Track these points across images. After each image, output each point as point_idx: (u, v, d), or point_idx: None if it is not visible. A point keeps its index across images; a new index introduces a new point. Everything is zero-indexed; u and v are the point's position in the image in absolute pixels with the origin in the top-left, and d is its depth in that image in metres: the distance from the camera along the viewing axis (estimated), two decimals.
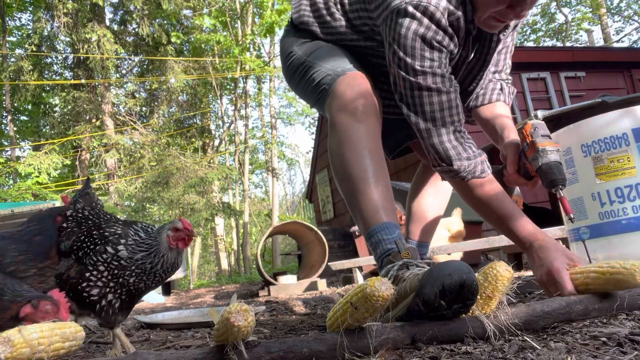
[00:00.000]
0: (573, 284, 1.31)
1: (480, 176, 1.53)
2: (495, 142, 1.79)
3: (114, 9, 16.78)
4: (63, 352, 1.37)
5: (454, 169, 1.51)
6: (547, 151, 1.52)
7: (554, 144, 1.55)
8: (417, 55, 1.44)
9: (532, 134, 1.56)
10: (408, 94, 1.50)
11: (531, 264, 1.46)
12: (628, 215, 1.66)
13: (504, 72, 1.87)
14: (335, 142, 1.54)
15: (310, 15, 1.77)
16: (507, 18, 1.46)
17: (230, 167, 16.67)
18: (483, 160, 1.54)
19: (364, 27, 1.65)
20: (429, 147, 1.53)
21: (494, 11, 1.44)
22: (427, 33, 1.42)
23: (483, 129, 1.87)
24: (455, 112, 1.51)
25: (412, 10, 1.42)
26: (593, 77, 7.17)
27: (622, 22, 23.84)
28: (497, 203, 1.52)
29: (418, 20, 1.42)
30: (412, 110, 1.52)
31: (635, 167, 1.67)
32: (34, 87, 14.63)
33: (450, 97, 1.49)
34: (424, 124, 1.51)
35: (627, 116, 1.71)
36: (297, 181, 36.12)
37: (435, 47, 1.44)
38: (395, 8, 1.44)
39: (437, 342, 1.06)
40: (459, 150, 1.50)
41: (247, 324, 0.89)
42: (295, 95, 9.87)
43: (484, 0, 1.44)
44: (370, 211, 1.44)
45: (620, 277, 1.16)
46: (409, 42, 1.44)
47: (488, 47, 1.65)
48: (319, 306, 2.80)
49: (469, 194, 1.57)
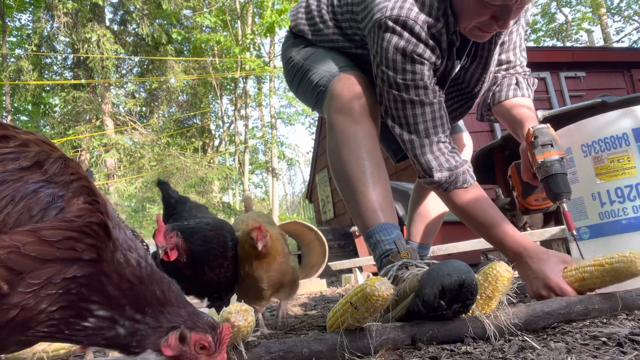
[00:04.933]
0: (567, 281, 1.31)
1: (462, 186, 1.53)
2: (518, 139, 1.75)
3: (114, 9, 16.80)
4: (63, 352, 1.37)
5: (435, 181, 1.52)
6: (547, 163, 1.47)
7: (557, 152, 1.50)
8: (398, 69, 1.45)
9: (533, 145, 1.52)
10: (392, 107, 1.52)
11: (524, 276, 1.43)
12: (628, 215, 1.66)
13: (518, 66, 1.84)
14: (333, 144, 1.55)
15: (305, 24, 1.81)
16: (491, 29, 1.46)
17: (230, 167, 16.68)
18: (465, 170, 1.53)
19: (355, 37, 1.67)
20: (413, 158, 1.55)
21: (478, 22, 1.44)
22: (407, 47, 1.43)
23: (506, 126, 1.84)
24: (440, 123, 1.51)
25: (391, 24, 1.42)
26: (593, 77, 7.16)
27: (622, 22, 23.82)
28: (481, 212, 1.52)
29: (398, 35, 1.42)
30: (396, 122, 1.53)
31: (635, 167, 1.67)
32: (34, 87, 14.63)
33: (434, 108, 1.49)
34: (407, 135, 1.52)
35: (627, 116, 1.71)
36: (297, 181, 36.13)
37: (416, 60, 1.44)
38: (377, 21, 1.45)
39: (437, 342, 1.06)
40: (440, 161, 1.51)
41: (247, 324, 0.89)
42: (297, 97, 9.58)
43: (466, 12, 1.44)
44: (369, 212, 1.45)
45: (620, 265, 1.15)
46: (390, 56, 1.45)
47: (488, 51, 1.65)
48: (319, 306, 2.80)
49: (453, 204, 1.57)
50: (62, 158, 0.79)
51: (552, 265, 1.36)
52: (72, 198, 0.75)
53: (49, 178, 0.75)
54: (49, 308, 0.71)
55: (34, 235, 0.68)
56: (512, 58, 1.82)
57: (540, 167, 1.49)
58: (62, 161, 0.78)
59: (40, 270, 0.69)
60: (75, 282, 0.72)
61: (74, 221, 0.72)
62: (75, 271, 0.72)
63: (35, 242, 0.68)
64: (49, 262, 0.69)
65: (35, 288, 0.68)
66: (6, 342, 0.74)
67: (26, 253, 0.67)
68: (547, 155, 1.49)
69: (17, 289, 0.67)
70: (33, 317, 0.71)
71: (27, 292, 0.68)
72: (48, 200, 0.73)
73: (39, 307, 0.70)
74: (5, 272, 0.66)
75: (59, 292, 0.71)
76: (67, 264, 0.71)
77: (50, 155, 0.78)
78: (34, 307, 0.69)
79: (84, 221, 0.73)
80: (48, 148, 0.79)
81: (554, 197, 1.50)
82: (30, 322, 0.71)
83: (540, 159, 1.49)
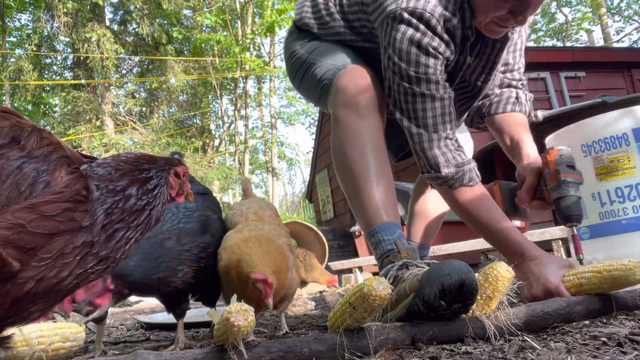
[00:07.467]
0: (565, 286, 1.30)
1: (467, 184, 1.51)
2: (511, 156, 1.75)
3: (114, 9, 16.80)
4: (63, 352, 1.37)
5: (441, 176, 1.50)
6: (569, 183, 1.46)
7: (577, 176, 1.50)
8: (412, 61, 1.43)
9: (557, 162, 1.50)
10: (402, 99, 1.50)
11: (523, 278, 1.42)
12: (628, 215, 1.66)
13: (516, 71, 1.83)
14: (337, 139, 1.54)
15: (311, 17, 1.78)
16: (508, 23, 1.45)
17: (230, 167, 16.68)
18: (472, 168, 1.52)
19: (363, 30, 1.65)
20: (420, 152, 1.52)
21: (495, 16, 1.43)
22: (422, 39, 1.41)
23: (496, 138, 1.84)
24: (448, 119, 1.50)
25: (407, 17, 1.41)
26: (593, 77, 7.15)
27: (622, 22, 23.83)
28: (484, 211, 1.50)
29: (414, 27, 1.41)
30: (405, 115, 1.51)
31: (635, 167, 1.67)
32: (34, 87, 14.62)
33: (444, 104, 1.48)
34: (416, 129, 1.50)
35: (627, 116, 1.71)
36: (297, 181, 36.11)
37: (430, 54, 1.43)
38: (391, 13, 1.43)
39: (437, 342, 1.06)
40: (447, 157, 1.49)
41: (247, 324, 0.89)
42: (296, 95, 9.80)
43: (484, 5, 1.43)
44: (371, 210, 1.44)
45: (618, 274, 1.15)
46: (404, 48, 1.43)
47: (492, 48, 1.63)
48: (319, 306, 2.80)
49: (456, 202, 1.54)
50: (35, 130, 0.83)
51: (553, 270, 1.35)
52: (55, 171, 0.79)
53: (29, 153, 0.79)
54: (75, 271, 0.78)
55: (35, 212, 0.72)
56: (510, 60, 1.81)
57: (561, 185, 1.47)
58: (36, 133, 0.82)
59: (50, 244, 0.73)
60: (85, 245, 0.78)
61: (64, 192, 0.77)
62: (81, 238, 0.77)
63: (39, 219, 0.72)
64: (56, 236, 0.74)
65: (48, 262, 0.74)
66: (30, 310, 0.79)
67: (34, 231, 0.71)
68: (571, 176, 1.48)
69: (31, 264, 0.72)
70: (57, 284, 0.76)
71: (41, 266, 0.73)
72: (34, 175, 0.77)
73: (61, 275, 0.76)
74: (16, 252, 0.70)
75: (76, 258, 0.77)
76: (72, 233, 0.76)
77: (23, 129, 0.81)
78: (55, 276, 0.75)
79: (73, 190, 0.78)
80: (16, 120, 0.82)
81: (566, 219, 1.49)
82: (56, 288, 0.77)
83: (563, 177, 1.48)
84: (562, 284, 1.31)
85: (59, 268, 0.75)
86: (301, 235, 6.43)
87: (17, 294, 0.72)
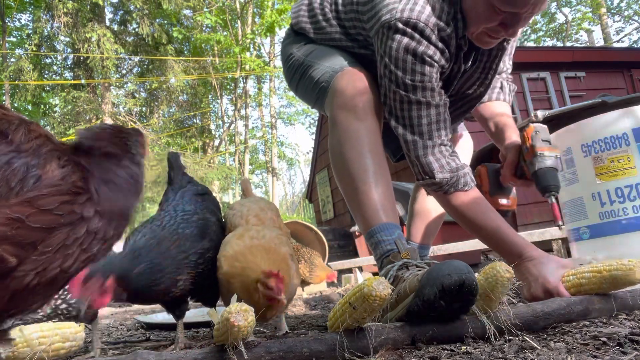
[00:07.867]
0: (565, 286, 1.30)
1: (462, 189, 1.52)
2: (496, 141, 1.80)
3: (114, 9, 16.80)
4: (63, 352, 1.37)
5: (436, 182, 1.51)
6: (544, 156, 1.53)
7: (553, 149, 1.56)
8: (408, 69, 1.45)
9: (533, 138, 1.57)
10: (397, 107, 1.51)
11: (522, 278, 1.42)
12: (628, 215, 1.66)
13: (504, 72, 1.89)
14: (335, 141, 1.54)
15: (307, 22, 1.79)
16: (499, 35, 1.47)
17: (230, 167, 16.68)
18: (466, 173, 1.54)
19: (359, 37, 1.66)
20: (414, 159, 1.54)
21: (487, 27, 1.44)
22: (418, 48, 1.43)
23: (482, 126, 1.89)
24: (443, 126, 1.51)
25: (401, 26, 1.42)
26: (593, 77, 7.15)
27: (622, 22, 23.83)
28: (481, 215, 1.51)
29: (409, 36, 1.42)
30: (400, 122, 1.52)
31: (635, 167, 1.67)
32: (34, 87, 14.62)
33: (439, 111, 1.50)
34: (411, 136, 1.51)
35: (627, 116, 1.71)
36: (297, 181, 36.12)
37: (426, 62, 1.44)
38: (386, 23, 1.44)
39: (437, 342, 1.06)
40: (442, 163, 1.51)
41: (247, 324, 0.89)
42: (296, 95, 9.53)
43: (476, 17, 1.44)
44: (370, 211, 1.44)
45: (618, 274, 1.15)
46: (400, 56, 1.44)
47: (495, 56, 1.64)
48: (319, 306, 2.80)
49: (452, 207, 1.56)
50: (22, 122, 0.80)
51: (552, 270, 1.35)
52: (46, 164, 0.77)
53: (17, 147, 0.76)
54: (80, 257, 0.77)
55: (32, 207, 0.71)
56: (501, 65, 1.85)
57: (537, 158, 1.54)
58: (24, 126, 0.79)
59: (51, 238, 0.73)
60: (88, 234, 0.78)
61: (60, 185, 0.76)
62: (83, 228, 0.76)
63: (37, 213, 0.71)
64: (56, 230, 0.73)
65: (49, 255, 0.73)
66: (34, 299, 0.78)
67: (33, 225, 0.70)
68: (547, 150, 1.55)
69: (31, 258, 0.71)
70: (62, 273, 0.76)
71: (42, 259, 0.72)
72: (24, 170, 0.74)
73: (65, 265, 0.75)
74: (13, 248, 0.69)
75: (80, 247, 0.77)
76: (72, 226, 0.75)
77: (10, 122, 0.78)
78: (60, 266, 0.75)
79: (69, 182, 0.77)
80: (1, 113, 0.79)
81: (544, 189, 1.55)
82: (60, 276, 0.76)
83: (540, 151, 1.55)
84: (561, 284, 1.32)
85: (62, 259, 0.75)
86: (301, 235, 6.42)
87: (17, 287, 0.71)
